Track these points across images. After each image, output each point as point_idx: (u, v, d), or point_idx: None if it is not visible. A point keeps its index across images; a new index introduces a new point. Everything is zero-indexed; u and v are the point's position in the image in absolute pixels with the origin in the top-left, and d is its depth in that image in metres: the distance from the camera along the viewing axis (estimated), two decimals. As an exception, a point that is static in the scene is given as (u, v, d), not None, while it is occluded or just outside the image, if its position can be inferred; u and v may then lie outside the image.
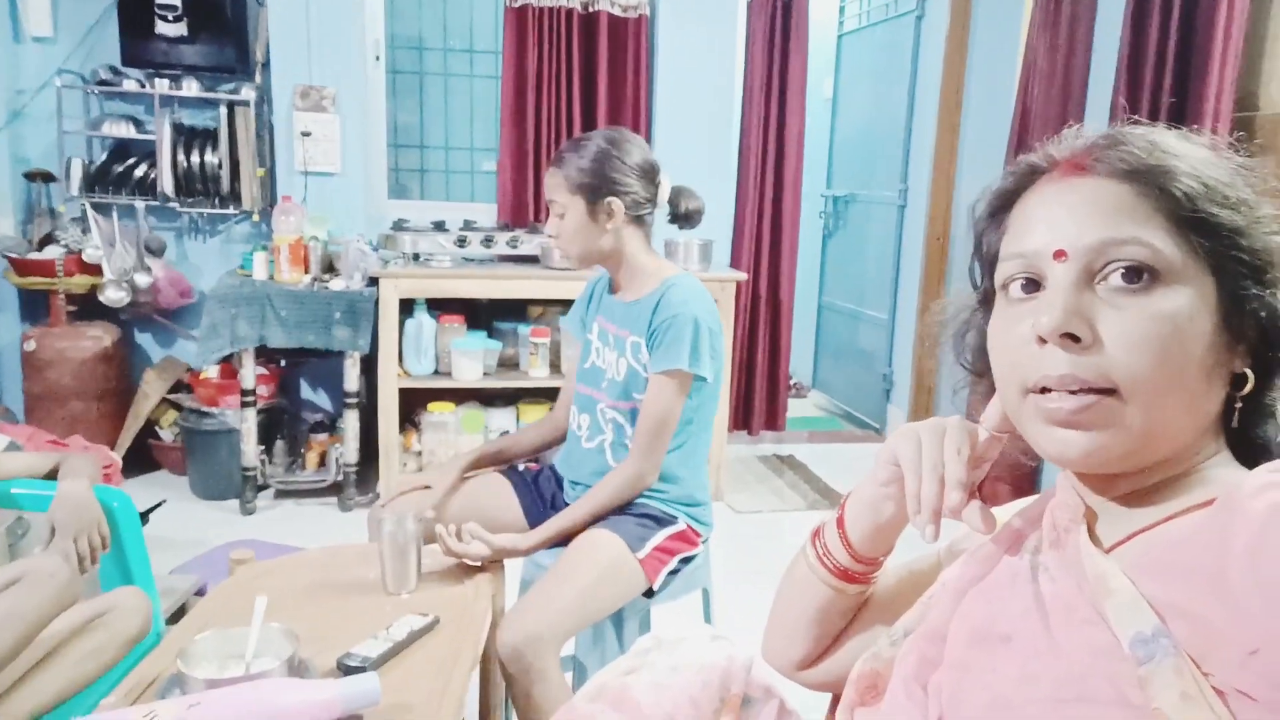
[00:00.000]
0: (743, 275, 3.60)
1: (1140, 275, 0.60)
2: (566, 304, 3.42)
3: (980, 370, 0.74)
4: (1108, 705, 0.56)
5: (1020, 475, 3.23)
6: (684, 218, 1.78)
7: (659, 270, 1.74)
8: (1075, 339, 0.60)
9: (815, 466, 3.93)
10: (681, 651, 0.97)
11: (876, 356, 4.54)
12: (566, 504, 1.74)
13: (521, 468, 1.92)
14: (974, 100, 3.91)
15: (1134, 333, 0.59)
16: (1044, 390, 0.61)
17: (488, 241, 3.36)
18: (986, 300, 0.72)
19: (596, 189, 1.67)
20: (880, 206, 4.50)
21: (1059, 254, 0.62)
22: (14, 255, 3.26)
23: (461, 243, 3.33)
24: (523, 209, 3.68)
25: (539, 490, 1.86)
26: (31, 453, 1.86)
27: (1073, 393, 0.60)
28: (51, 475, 1.54)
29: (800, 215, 4.16)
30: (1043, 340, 0.61)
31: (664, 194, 1.74)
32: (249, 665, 1.15)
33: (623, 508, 1.70)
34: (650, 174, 1.72)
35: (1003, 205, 0.70)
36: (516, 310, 3.52)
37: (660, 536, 1.69)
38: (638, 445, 1.67)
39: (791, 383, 4.71)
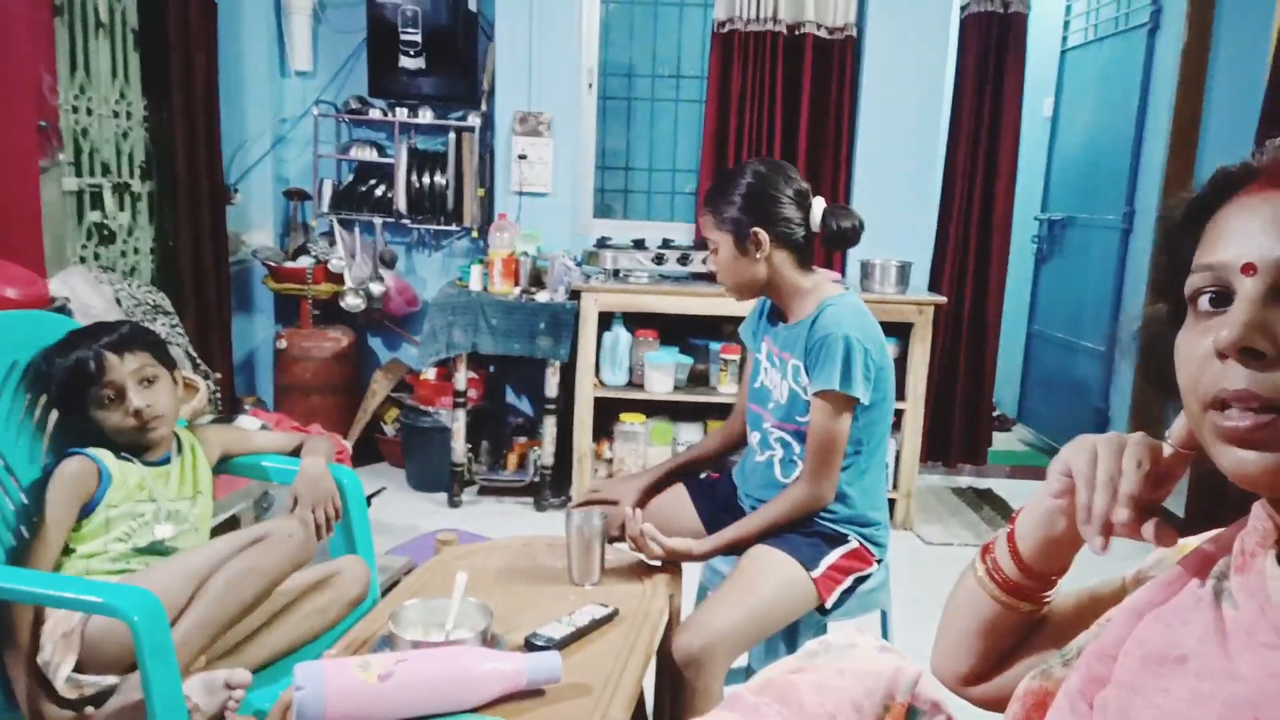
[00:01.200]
0: (942, 299, 3.49)
1: None
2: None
3: (1167, 387, 0.72)
4: None
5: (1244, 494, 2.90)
6: (838, 237, 1.73)
7: (816, 291, 1.73)
8: (1257, 355, 0.58)
9: (1016, 502, 3.73)
10: (850, 657, 0.99)
11: (1091, 389, 4.25)
12: (743, 512, 1.77)
13: (703, 476, 1.97)
14: (1214, 116, 3.59)
15: None
16: (1223, 406, 0.59)
17: (684, 259, 3.46)
18: (1177, 314, 0.70)
19: (741, 222, 1.68)
20: (1101, 231, 4.22)
21: (1247, 268, 0.60)
22: (272, 264, 3.71)
23: (659, 260, 3.45)
24: (721, 229, 3.75)
25: (716, 498, 1.90)
26: (280, 432, 2.12)
27: (1252, 410, 0.58)
28: (295, 453, 1.76)
29: (1010, 238, 3.97)
30: (1223, 355, 0.59)
31: (815, 216, 1.72)
32: (449, 633, 1.27)
33: (794, 526, 1.71)
34: (798, 199, 1.71)
35: (1197, 216, 0.67)
36: (709, 327, 3.59)
37: (834, 556, 1.69)
38: (808, 468, 1.68)
39: (995, 414, 4.49)
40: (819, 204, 1.73)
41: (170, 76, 3.15)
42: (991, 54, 3.78)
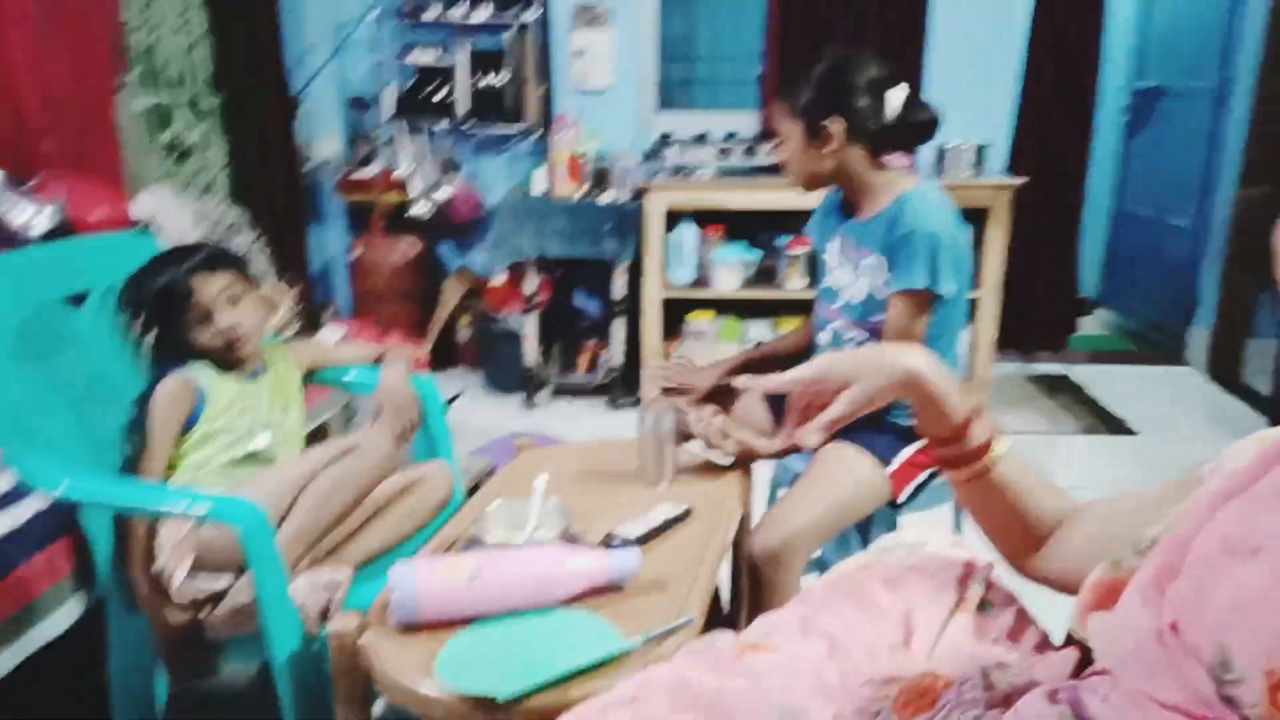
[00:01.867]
0: (1020, 180, 3.35)
1: None
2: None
3: (1263, 275, 0.70)
4: None
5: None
6: (915, 130, 1.66)
7: (893, 184, 1.67)
8: None
9: (1095, 389, 3.65)
10: (921, 553, 1.00)
11: (1179, 270, 4.07)
12: None
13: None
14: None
15: None
16: None
17: (749, 152, 3.39)
18: (1277, 200, 0.67)
19: (813, 111, 1.62)
20: (1194, 99, 3.96)
21: None
22: (341, 174, 3.75)
23: (724, 154, 3.38)
24: (787, 117, 3.64)
25: (786, 396, 1.91)
26: (361, 344, 2.19)
27: None
28: (376, 364, 1.83)
29: (1094, 112, 3.76)
30: None
31: (893, 106, 1.63)
32: (530, 535, 1.33)
33: (870, 421, 1.70)
34: (874, 88, 1.63)
35: None
36: (776, 221, 3.53)
37: (909, 451, 1.69)
38: None
39: (1077, 298, 4.35)
40: (899, 93, 1.65)
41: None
42: (1078, -89, 3.51)
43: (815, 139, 1.64)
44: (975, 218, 3.28)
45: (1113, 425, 3.29)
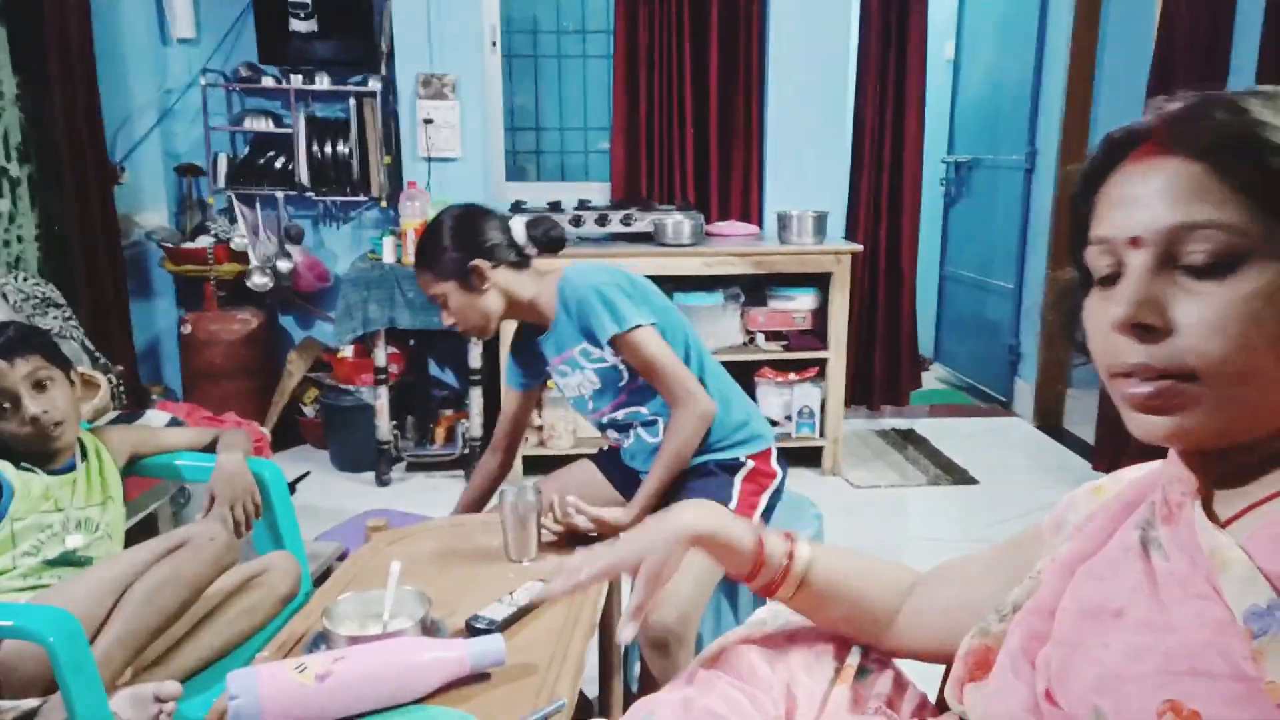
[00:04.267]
0: (858, 246, 3.53)
1: (1218, 259, 0.58)
2: (682, 280, 3.44)
3: (1083, 351, 0.74)
4: (1221, 679, 0.55)
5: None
6: (550, 243, 1.79)
7: (547, 281, 1.78)
8: (1149, 329, 0.59)
9: (938, 441, 3.84)
10: (797, 621, 0.99)
11: (1002, 327, 4.38)
12: None
13: (606, 448, 1.97)
14: (1108, 56, 3.70)
15: (1211, 319, 0.58)
16: (1127, 375, 0.61)
17: (602, 220, 3.42)
18: (1086, 280, 0.71)
19: (459, 261, 1.70)
20: (1006, 171, 4.32)
21: (1134, 241, 0.61)
22: (169, 245, 3.53)
23: (577, 222, 3.40)
24: (636, 188, 3.72)
25: (626, 466, 1.91)
26: (192, 428, 2.03)
27: (1151, 379, 0.60)
28: (210, 448, 1.69)
29: (921, 182, 4.04)
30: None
31: (519, 234, 1.75)
32: (386, 625, 1.24)
33: (685, 477, 1.73)
34: (499, 225, 1.75)
35: (1090, 187, 0.68)
36: (632, 287, 3.57)
37: (738, 481, 1.74)
38: (670, 397, 1.70)
39: (918, 356, 4.60)
40: (518, 221, 1.77)
41: (44, 50, 2.94)
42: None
43: (470, 286, 1.71)
44: (820, 282, 3.42)
45: (957, 475, 3.46)
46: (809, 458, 3.49)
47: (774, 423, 3.39)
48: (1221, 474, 0.64)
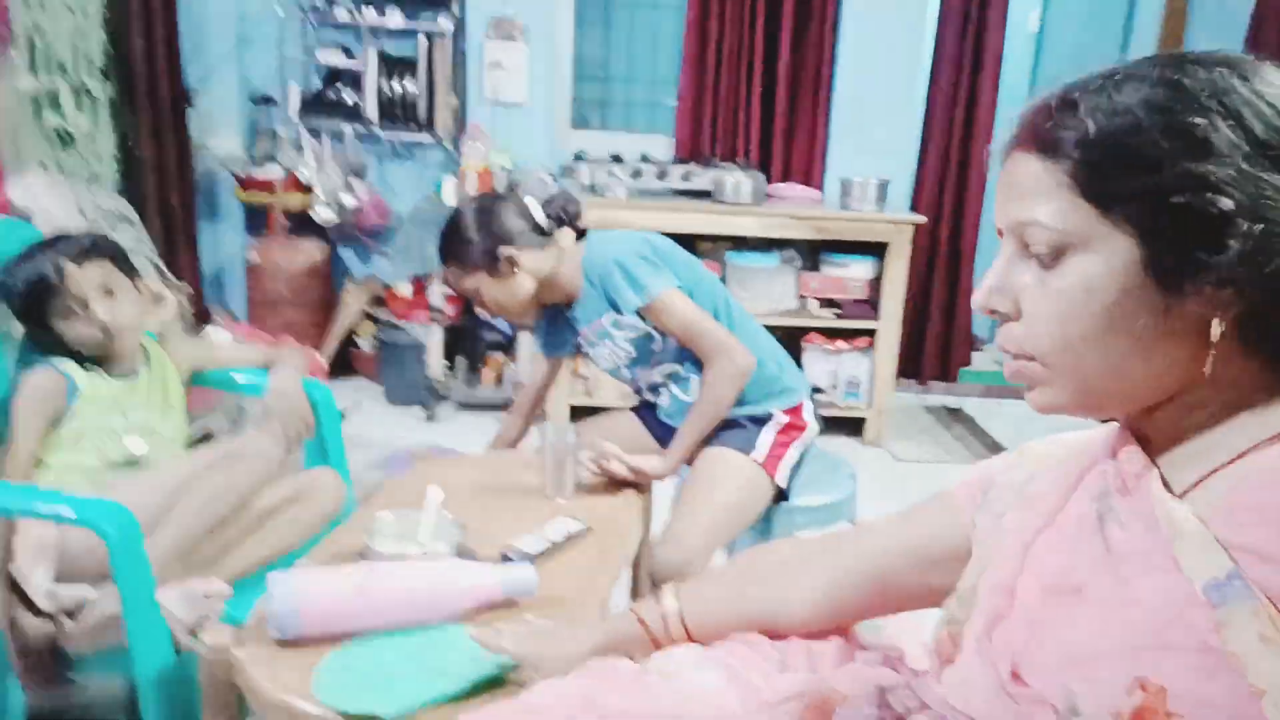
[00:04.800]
0: (920, 218, 3.47)
1: (1050, 250, 0.62)
2: (736, 240, 3.43)
3: None
4: (1185, 652, 0.56)
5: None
6: (568, 217, 1.78)
7: (571, 255, 1.77)
8: (998, 314, 0.65)
9: (986, 421, 3.79)
10: None
11: (1063, 311, 4.28)
12: None
13: (644, 402, 1.98)
14: (1198, 31, 3.55)
15: (1041, 307, 0.63)
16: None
17: (662, 175, 3.41)
18: None
19: (487, 252, 1.69)
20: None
21: (999, 231, 0.66)
22: (239, 173, 3.60)
23: (636, 175, 3.40)
24: (699, 143, 3.69)
25: (665, 421, 1.92)
26: (252, 345, 2.10)
27: (1010, 355, 0.66)
28: (267, 366, 1.74)
29: (991, 159, 3.93)
30: None
31: (538, 215, 1.74)
32: (423, 546, 1.28)
33: (725, 424, 1.74)
34: (517, 209, 1.73)
35: None
36: (686, 244, 3.54)
37: (769, 432, 1.74)
38: (705, 354, 1.70)
39: (972, 334, 4.52)
40: (533, 202, 1.76)
41: (126, -31, 3.00)
42: (980, -36, 3.68)
43: (500, 274, 1.71)
44: (877, 250, 3.38)
45: (1000, 456, 3.43)
46: (853, 427, 3.47)
47: (819, 390, 3.37)
48: (1157, 441, 0.65)
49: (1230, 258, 0.56)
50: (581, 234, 1.82)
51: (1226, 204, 0.56)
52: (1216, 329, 0.59)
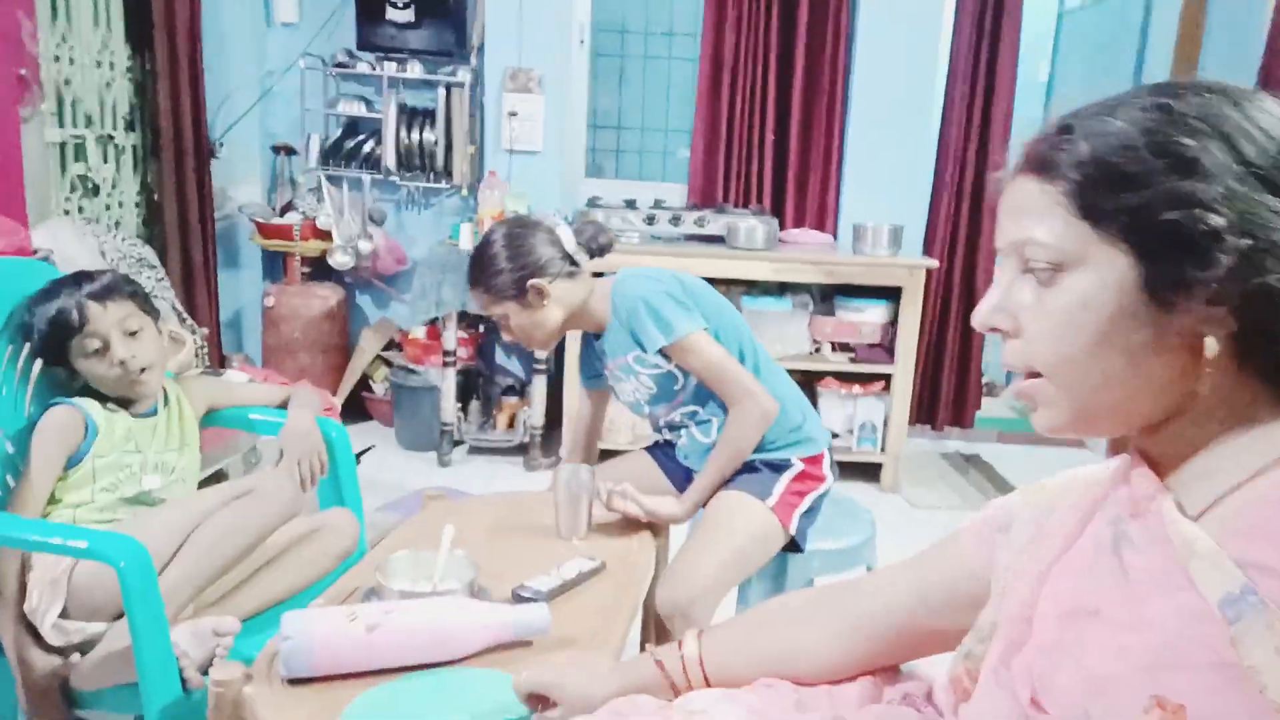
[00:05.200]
0: (933, 262, 3.48)
1: (1049, 268, 0.63)
2: (749, 284, 3.44)
3: None
4: (1202, 669, 0.55)
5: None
6: (598, 249, 1.77)
7: (600, 290, 1.76)
8: (1001, 332, 0.67)
9: (1002, 467, 3.76)
10: None
11: (1079, 356, 4.27)
12: None
13: (661, 441, 1.97)
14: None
15: (1041, 323, 0.64)
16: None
17: (675, 220, 3.44)
18: None
19: (517, 282, 1.68)
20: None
21: (998, 251, 0.68)
22: (259, 220, 3.66)
23: (650, 220, 3.43)
24: (712, 190, 3.73)
25: (681, 462, 1.90)
26: (268, 385, 2.11)
27: (1016, 375, 0.67)
28: (283, 406, 1.75)
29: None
30: None
31: (569, 244, 1.72)
32: (436, 585, 1.27)
33: (743, 467, 1.73)
34: (548, 238, 1.72)
35: None
36: (701, 289, 3.57)
37: (784, 479, 1.72)
38: (729, 396, 1.68)
39: (984, 380, 4.50)
40: (566, 230, 1.75)
41: (154, 25, 3.09)
42: (989, 14, 3.74)
43: (530, 305, 1.70)
44: (891, 295, 3.38)
45: (1018, 502, 3.38)
46: (869, 473, 3.44)
47: (835, 435, 3.36)
48: (1165, 463, 0.66)
49: (1220, 274, 0.58)
50: (598, 274, 1.81)
51: (1216, 221, 0.57)
52: (1212, 346, 0.60)
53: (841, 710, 0.86)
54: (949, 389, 4.03)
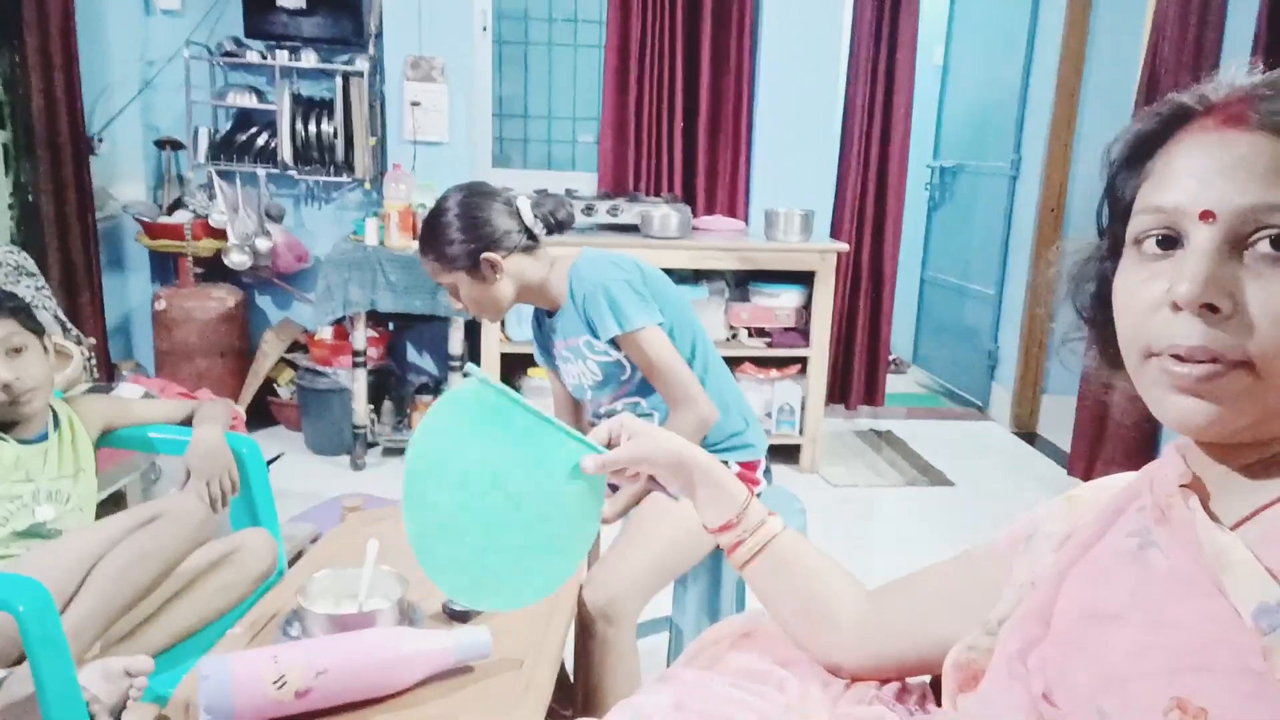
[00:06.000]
0: (844, 246, 3.54)
1: None
2: (667, 273, 3.42)
3: (1095, 320, 0.71)
4: (1229, 674, 0.54)
5: (1140, 436, 3.09)
6: (557, 224, 1.73)
7: (558, 267, 1.73)
8: (1214, 309, 0.56)
9: (914, 443, 3.86)
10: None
11: (981, 332, 4.41)
12: None
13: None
14: (1096, 65, 3.73)
15: (1276, 303, 0.55)
16: (1174, 356, 0.58)
17: (589, 210, 3.40)
18: (1114, 249, 0.67)
19: (470, 254, 1.64)
20: (990, 178, 4.35)
21: (1206, 215, 0.57)
22: (146, 219, 3.46)
23: (563, 211, 3.38)
24: (623, 179, 3.70)
25: None
26: (168, 400, 1.99)
27: (1202, 362, 0.56)
28: (186, 422, 1.65)
29: (906, 186, 4.06)
30: (1178, 306, 0.57)
31: (527, 216, 1.69)
32: (362, 605, 1.22)
33: None
34: (506, 209, 1.68)
35: (1144, 150, 0.64)
36: (615, 278, 3.55)
37: None
38: (671, 398, 1.66)
39: (891, 358, 4.62)
40: (524, 202, 1.70)
41: (21, 15, 2.87)
42: (888, 2, 3.81)
43: (482, 278, 1.66)
44: (804, 279, 3.42)
45: (933, 477, 3.48)
46: (788, 454, 3.49)
47: (754, 419, 3.38)
48: (1236, 468, 0.62)
49: None
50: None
51: None
52: None
53: (817, 701, 0.84)
54: (860, 368, 4.13)
